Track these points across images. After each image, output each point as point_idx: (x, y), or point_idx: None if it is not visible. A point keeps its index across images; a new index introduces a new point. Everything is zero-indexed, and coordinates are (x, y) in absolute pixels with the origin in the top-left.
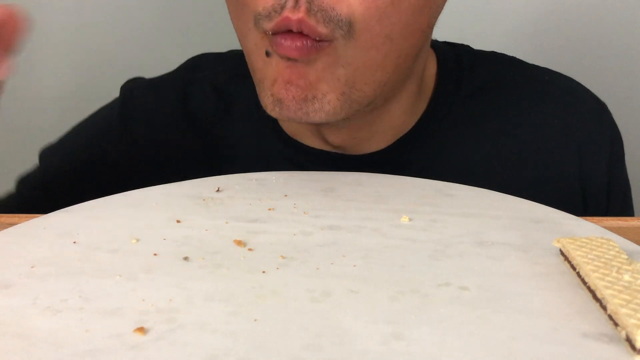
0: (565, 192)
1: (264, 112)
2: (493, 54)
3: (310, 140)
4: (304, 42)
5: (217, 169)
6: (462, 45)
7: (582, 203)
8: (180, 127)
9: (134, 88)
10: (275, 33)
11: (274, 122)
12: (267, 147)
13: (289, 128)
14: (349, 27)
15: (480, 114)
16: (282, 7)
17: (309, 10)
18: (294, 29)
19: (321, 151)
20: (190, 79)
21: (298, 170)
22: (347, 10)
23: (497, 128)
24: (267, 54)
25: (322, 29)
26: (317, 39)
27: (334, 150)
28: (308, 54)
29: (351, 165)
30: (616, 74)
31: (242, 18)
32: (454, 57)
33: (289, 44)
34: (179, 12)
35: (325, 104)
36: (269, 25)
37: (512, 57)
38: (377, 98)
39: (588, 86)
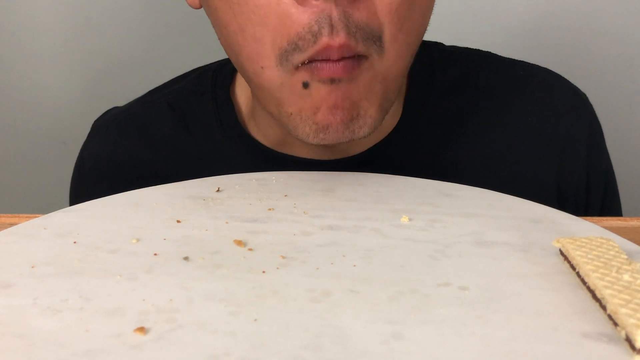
0: (541, 191)
1: (229, 128)
2: (466, 51)
3: (297, 150)
4: (347, 62)
5: None
6: (435, 43)
7: (558, 201)
8: (143, 156)
9: (98, 129)
10: (310, 62)
11: (245, 137)
12: (238, 163)
13: (270, 141)
14: (379, 41)
15: (455, 115)
16: (315, 35)
17: (348, 33)
18: (336, 56)
19: (304, 160)
20: (147, 102)
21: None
22: (377, 23)
23: (472, 128)
24: (306, 85)
25: (361, 48)
26: (356, 55)
27: (319, 158)
28: (352, 70)
29: (335, 170)
30: (616, 73)
31: (252, 57)
32: (426, 57)
33: (331, 65)
34: (184, 13)
35: (368, 118)
36: (302, 57)
37: (487, 52)
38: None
39: (588, 86)
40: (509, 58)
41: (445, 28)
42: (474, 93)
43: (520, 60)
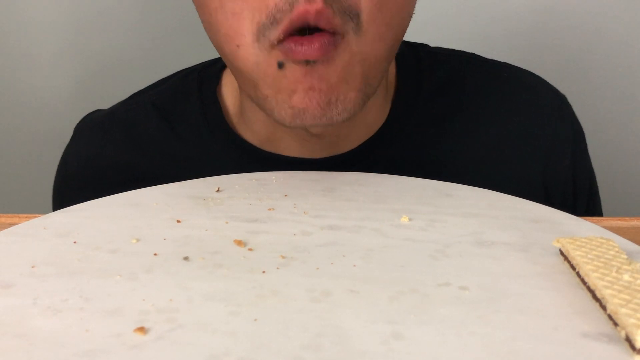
0: (528, 190)
1: (216, 128)
2: (452, 53)
3: (286, 146)
4: (322, 41)
5: None
6: (421, 44)
7: (546, 200)
8: (128, 158)
9: (82, 131)
10: (284, 40)
11: (232, 137)
12: (225, 164)
13: (259, 138)
14: (357, 19)
15: (442, 115)
16: (292, 4)
17: (325, 1)
18: (312, 22)
19: (293, 158)
20: (131, 103)
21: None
22: (355, 1)
23: (459, 128)
24: (280, 65)
25: (338, 21)
26: (332, 31)
27: (308, 156)
28: (327, 51)
29: (324, 168)
30: (616, 73)
31: (229, 34)
32: (414, 58)
33: (306, 47)
34: (183, 13)
35: (347, 103)
36: (278, 31)
37: (472, 54)
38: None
39: (587, 86)
40: (492, 59)
41: (445, 28)
42: (461, 94)
43: (503, 62)
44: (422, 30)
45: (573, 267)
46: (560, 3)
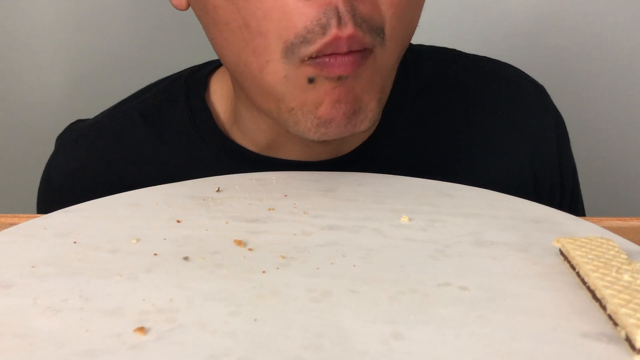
0: (517, 182)
1: (207, 135)
2: (433, 50)
3: (286, 152)
4: (355, 57)
5: None
6: None
7: (535, 191)
8: (116, 170)
9: (66, 144)
10: (317, 56)
11: (226, 143)
12: (218, 169)
13: (257, 145)
14: (382, 33)
15: (429, 112)
16: (324, 27)
17: (355, 24)
18: (345, 49)
19: (289, 162)
20: (116, 113)
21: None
22: (380, 17)
23: (446, 124)
24: (311, 80)
25: (368, 40)
26: (363, 49)
27: (305, 159)
28: (359, 66)
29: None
30: (616, 74)
31: (258, 51)
32: None
33: (340, 62)
34: (179, 13)
35: (369, 112)
36: (309, 50)
37: (452, 50)
38: None
39: (587, 87)
40: (472, 54)
41: (445, 28)
42: (447, 91)
43: (483, 56)
44: (422, 30)
45: (573, 267)
46: (560, 4)
